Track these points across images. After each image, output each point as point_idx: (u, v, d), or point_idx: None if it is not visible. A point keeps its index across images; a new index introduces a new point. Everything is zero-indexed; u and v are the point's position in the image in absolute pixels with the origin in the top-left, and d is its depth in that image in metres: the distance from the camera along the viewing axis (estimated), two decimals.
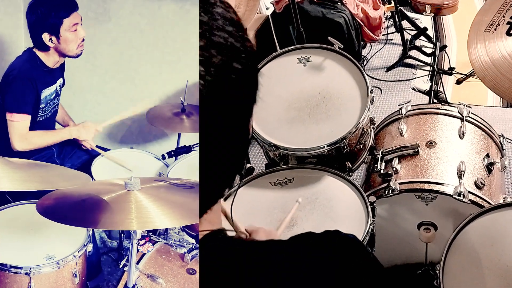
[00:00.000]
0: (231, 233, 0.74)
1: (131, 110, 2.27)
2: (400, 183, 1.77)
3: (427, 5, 4.29)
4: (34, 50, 2.00)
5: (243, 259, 0.68)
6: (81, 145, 2.19)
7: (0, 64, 2.13)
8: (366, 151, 1.93)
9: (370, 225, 1.54)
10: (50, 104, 2.11)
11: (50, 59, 2.02)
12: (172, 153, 2.02)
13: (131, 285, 1.53)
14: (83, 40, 2.01)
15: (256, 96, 0.66)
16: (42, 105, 2.06)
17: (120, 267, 1.68)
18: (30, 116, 2.01)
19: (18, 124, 1.99)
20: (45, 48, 1.99)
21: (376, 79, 3.65)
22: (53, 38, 1.95)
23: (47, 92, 2.06)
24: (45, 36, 1.95)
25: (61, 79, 2.15)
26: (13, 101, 1.97)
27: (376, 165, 1.85)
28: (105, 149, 2.24)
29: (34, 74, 1.98)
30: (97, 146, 2.20)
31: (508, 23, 1.60)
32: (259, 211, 1.66)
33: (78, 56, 2.04)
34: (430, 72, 3.46)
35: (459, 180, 1.74)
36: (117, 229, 1.92)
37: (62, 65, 2.12)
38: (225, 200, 1.70)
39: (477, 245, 1.44)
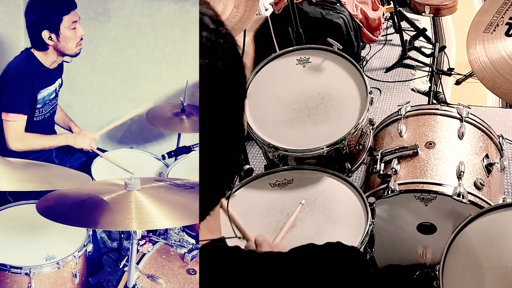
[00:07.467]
0: (230, 241, 0.73)
1: (126, 116, 2.27)
2: (399, 184, 1.77)
3: (426, 6, 4.30)
4: (32, 50, 2.00)
5: (243, 271, 0.67)
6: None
7: (0, 64, 2.13)
8: (366, 152, 1.93)
9: (370, 226, 1.55)
10: (49, 104, 2.11)
11: (48, 59, 2.02)
12: (172, 153, 2.02)
13: (131, 285, 1.53)
14: (82, 38, 2.01)
15: (245, 90, 0.66)
16: (39, 105, 2.05)
17: (120, 267, 1.68)
18: (26, 116, 2.01)
19: (14, 124, 1.99)
20: (43, 47, 1.98)
21: (375, 80, 3.65)
22: (53, 35, 1.95)
23: (45, 93, 2.06)
24: (45, 34, 1.94)
25: (59, 80, 2.14)
26: (9, 101, 1.97)
27: (376, 166, 1.85)
28: (105, 151, 2.24)
29: (31, 73, 1.98)
30: (97, 148, 2.20)
31: (507, 23, 1.60)
32: (258, 212, 1.66)
33: (77, 55, 2.04)
34: (429, 73, 3.46)
35: (459, 180, 1.74)
36: (117, 229, 1.92)
37: (60, 65, 2.12)
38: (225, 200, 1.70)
39: (477, 245, 1.45)
